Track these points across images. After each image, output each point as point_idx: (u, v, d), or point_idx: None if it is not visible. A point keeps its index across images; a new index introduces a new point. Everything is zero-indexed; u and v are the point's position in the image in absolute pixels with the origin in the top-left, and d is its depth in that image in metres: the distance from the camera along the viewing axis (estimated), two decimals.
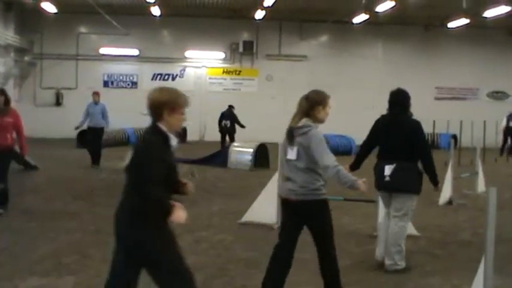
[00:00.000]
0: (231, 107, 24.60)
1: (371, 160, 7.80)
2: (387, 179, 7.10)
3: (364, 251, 8.18)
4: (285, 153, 6.03)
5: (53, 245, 8.08)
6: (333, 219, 10.20)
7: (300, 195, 5.79)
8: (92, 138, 17.76)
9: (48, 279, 6.60)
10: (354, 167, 7.58)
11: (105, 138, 20.43)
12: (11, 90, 27.42)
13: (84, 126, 18.28)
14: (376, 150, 7.83)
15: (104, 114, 17.57)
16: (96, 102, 17.75)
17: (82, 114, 17.85)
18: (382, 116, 7.45)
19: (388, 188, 7.22)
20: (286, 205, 6.03)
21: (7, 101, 10.20)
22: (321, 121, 6.12)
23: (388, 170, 7.09)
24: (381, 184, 7.27)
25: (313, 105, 6.06)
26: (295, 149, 5.88)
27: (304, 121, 5.93)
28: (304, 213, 5.92)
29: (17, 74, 28.94)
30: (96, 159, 17.63)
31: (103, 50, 29.88)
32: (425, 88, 30.16)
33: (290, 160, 5.92)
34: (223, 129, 23.99)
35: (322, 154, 5.77)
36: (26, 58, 29.25)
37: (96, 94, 18.00)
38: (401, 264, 7.17)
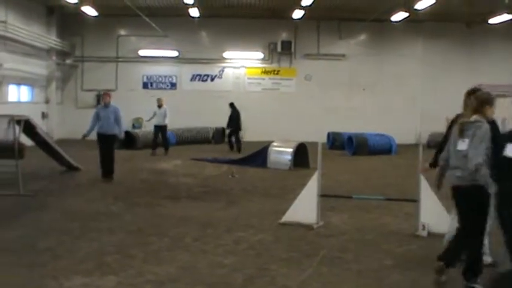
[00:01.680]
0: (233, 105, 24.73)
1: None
2: None
3: (406, 251, 8.06)
4: (455, 145, 6.57)
5: (95, 245, 8.16)
6: (374, 218, 10.18)
7: (469, 181, 6.29)
8: (101, 147, 14.79)
9: (91, 278, 6.66)
10: (434, 164, 7.71)
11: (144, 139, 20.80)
12: (53, 92, 27.97)
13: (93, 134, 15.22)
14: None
15: (116, 119, 14.82)
16: (106, 105, 14.98)
17: (90, 120, 15.14)
18: (457, 115, 7.44)
19: None
20: (456, 192, 6.55)
21: None
22: (489, 118, 6.59)
23: None
24: None
25: (482, 103, 6.60)
26: (466, 140, 6.41)
27: (476, 117, 6.46)
28: (473, 197, 6.37)
29: (59, 76, 29.45)
30: (108, 171, 14.83)
31: (142, 52, 30.14)
32: (467, 86, 29.42)
33: (460, 151, 6.45)
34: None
35: (476, 149, 6.26)
36: (68, 61, 29.72)
37: (106, 95, 15.30)
38: (487, 259, 7.16)
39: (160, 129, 22.21)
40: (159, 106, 22.24)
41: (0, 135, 13.00)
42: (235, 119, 24.07)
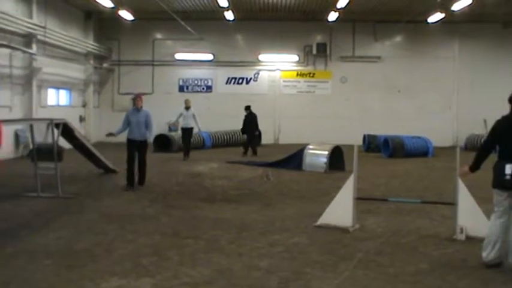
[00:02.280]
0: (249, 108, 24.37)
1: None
2: (508, 177, 7.04)
3: (443, 255, 7.95)
4: None
5: (132, 247, 8.23)
6: (410, 221, 10.08)
7: None
8: (131, 155, 13.87)
9: (128, 280, 6.72)
10: (474, 167, 7.58)
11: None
12: (90, 96, 28.36)
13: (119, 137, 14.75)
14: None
15: (147, 124, 13.87)
16: (138, 109, 14.01)
17: (121, 123, 14.25)
18: (503, 117, 7.36)
19: (509, 187, 7.10)
20: None
21: None
22: None
23: (509, 169, 7.08)
24: (501, 183, 7.15)
25: None
26: None
27: None
28: None
29: (96, 80, 29.86)
30: (140, 179, 14.04)
31: (178, 55, 30.37)
32: (505, 88, 28.99)
33: None
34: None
35: None
36: (105, 65, 30.10)
37: (139, 99, 14.25)
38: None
39: (188, 132, 21.43)
40: (187, 108, 21.31)
41: (40, 138, 13.24)
42: (247, 124, 23.68)
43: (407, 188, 14.65)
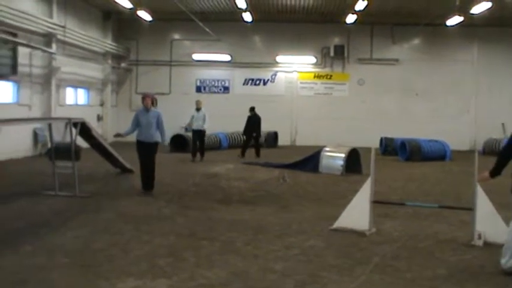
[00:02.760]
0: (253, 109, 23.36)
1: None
2: None
3: (460, 260, 7.88)
4: None
5: (148, 247, 8.25)
6: (427, 226, 10.01)
7: None
8: (142, 156, 13.20)
9: (144, 280, 6.73)
10: (494, 173, 7.49)
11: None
12: (108, 95, 28.52)
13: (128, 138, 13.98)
14: None
15: (158, 125, 13.15)
16: (147, 109, 13.14)
17: (130, 123, 13.45)
18: None
19: None
20: None
21: None
22: None
23: None
24: None
25: None
26: None
27: None
28: None
29: (114, 80, 30.02)
30: (147, 184, 13.28)
31: (196, 56, 30.45)
32: None
33: None
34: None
35: None
36: (123, 64, 30.27)
37: (147, 98, 13.26)
38: None
39: (199, 133, 20.89)
40: (198, 109, 20.89)
41: (58, 137, 13.32)
42: (250, 125, 22.82)
43: (425, 192, 14.56)
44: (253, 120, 22.85)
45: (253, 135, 22.91)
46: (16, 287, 6.46)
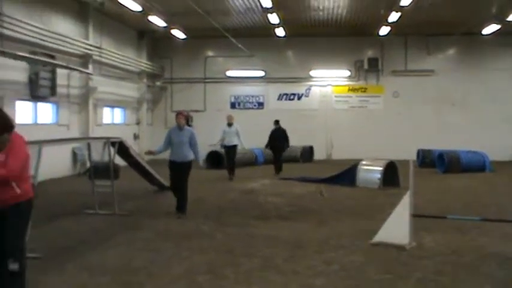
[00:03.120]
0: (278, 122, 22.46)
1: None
2: None
3: (507, 275, 7.71)
4: None
5: (187, 264, 8.28)
6: (470, 239, 9.83)
7: None
8: (174, 176, 12.65)
9: None
10: None
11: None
12: (144, 114, 28.84)
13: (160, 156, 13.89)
14: None
15: (192, 144, 12.56)
16: (180, 127, 12.61)
17: (162, 141, 12.97)
18: None
19: None
20: None
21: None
22: None
23: None
24: None
25: None
26: None
27: None
28: None
29: (149, 98, 30.37)
30: (181, 206, 12.60)
31: (229, 73, 30.63)
32: None
33: None
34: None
35: None
36: (158, 83, 30.58)
37: (181, 116, 12.70)
38: None
39: (231, 149, 20.14)
40: (229, 124, 20.12)
41: (97, 156, 13.48)
42: (273, 138, 21.85)
43: (465, 204, 14.33)
44: (277, 134, 21.91)
45: (282, 149, 22.02)
46: None
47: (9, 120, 5.99)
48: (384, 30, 26.55)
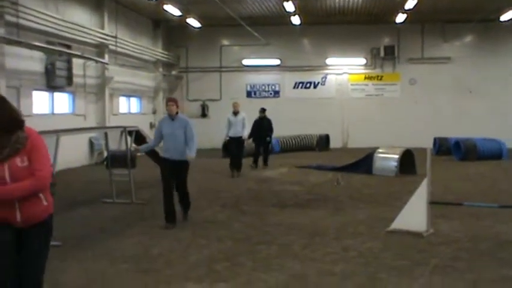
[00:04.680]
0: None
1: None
2: None
3: None
4: None
5: (205, 252, 8.33)
6: (487, 226, 9.80)
7: None
8: (167, 177, 10.29)
9: (202, 285, 6.80)
10: None
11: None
12: (160, 103, 28.92)
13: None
14: None
15: (187, 136, 10.19)
16: (172, 117, 10.36)
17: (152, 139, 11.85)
18: None
19: None
20: None
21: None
22: None
23: None
24: None
25: None
26: None
27: None
28: None
29: (165, 87, 30.41)
30: (184, 208, 10.78)
31: (245, 61, 30.60)
32: None
33: None
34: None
35: None
36: (173, 72, 30.63)
37: (171, 103, 10.45)
38: None
39: (236, 142, 17.83)
40: (235, 113, 17.88)
41: (114, 145, 13.57)
42: (257, 128, 19.50)
43: (482, 191, 14.27)
44: (262, 124, 19.78)
45: (267, 140, 20.06)
46: None
47: (19, 113, 4.60)
48: (401, 18, 26.37)
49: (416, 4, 22.97)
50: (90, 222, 10.70)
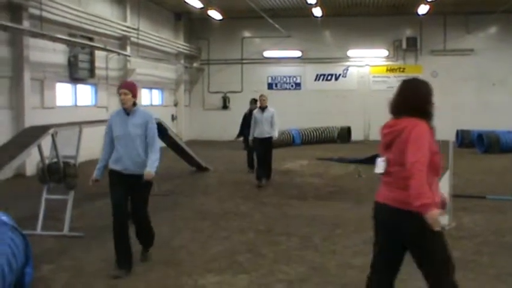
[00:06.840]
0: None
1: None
2: None
3: None
4: None
5: (227, 244, 8.38)
6: (510, 220, 9.71)
7: None
8: (117, 197, 7.09)
9: (224, 276, 6.85)
10: None
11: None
12: (181, 95, 29.01)
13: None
14: None
15: (149, 140, 7.26)
16: (126, 111, 7.23)
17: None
18: None
19: None
20: None
21: None
22: None
23: None
24: None
25: None
26: None
27: None
28: None
29: (187, 79, 30.49)
30: (143, 245, 7.58)
31: (266, 53, 30.55)
32: None
33: None
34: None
35: None
36: (195, 64, 30.67)
37: (122, 89, 7.29)
38: None
39: (264, 144, 14.31)
40: (262, 108, 14.46)
41: None
42: (246, 125, 16.45)
43: (506, 184, 14.14)
44: (249, 118, 15.95)
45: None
46: (105, 281, 6.68)
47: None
48: (423, 9, 26.14)
49: None
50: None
